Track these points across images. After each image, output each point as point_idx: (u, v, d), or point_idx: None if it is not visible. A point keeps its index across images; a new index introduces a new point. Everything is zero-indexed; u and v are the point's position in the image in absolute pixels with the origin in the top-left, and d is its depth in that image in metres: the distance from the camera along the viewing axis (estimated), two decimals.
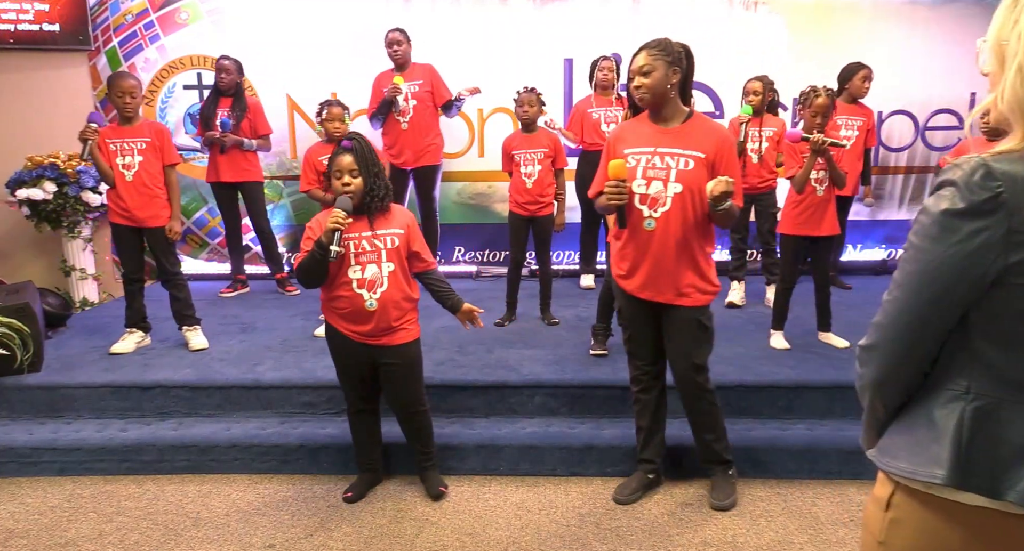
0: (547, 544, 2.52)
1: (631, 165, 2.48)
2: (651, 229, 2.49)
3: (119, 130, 3.63)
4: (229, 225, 4.88)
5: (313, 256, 2.47)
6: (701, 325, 2.58)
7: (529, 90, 4.02)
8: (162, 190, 3.69)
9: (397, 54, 4.63)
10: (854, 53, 4.63)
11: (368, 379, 2.73)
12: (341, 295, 2.58)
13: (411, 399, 2.74)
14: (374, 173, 2.56)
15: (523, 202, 4.06)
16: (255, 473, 3.05)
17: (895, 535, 1.10)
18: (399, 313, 2.62)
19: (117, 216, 3.67)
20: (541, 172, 4.02)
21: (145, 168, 3.62)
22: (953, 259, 0.97)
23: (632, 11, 5.20)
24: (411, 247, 2.65)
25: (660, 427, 2.80)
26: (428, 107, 4.74)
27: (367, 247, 2.56)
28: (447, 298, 2.73)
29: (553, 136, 4.15)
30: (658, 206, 2.47)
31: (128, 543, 2.57)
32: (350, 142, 2.55)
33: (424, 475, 2.88)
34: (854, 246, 5.46)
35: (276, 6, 5.15)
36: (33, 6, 4.85)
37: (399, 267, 2.61)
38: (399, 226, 2.63)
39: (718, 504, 2.71)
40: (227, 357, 3.62)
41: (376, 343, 2.62)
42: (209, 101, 4.66)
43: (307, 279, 2.56)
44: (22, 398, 3.32)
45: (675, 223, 2.47)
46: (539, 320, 4.20)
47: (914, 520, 1.08)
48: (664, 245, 2.49)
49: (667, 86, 2.42)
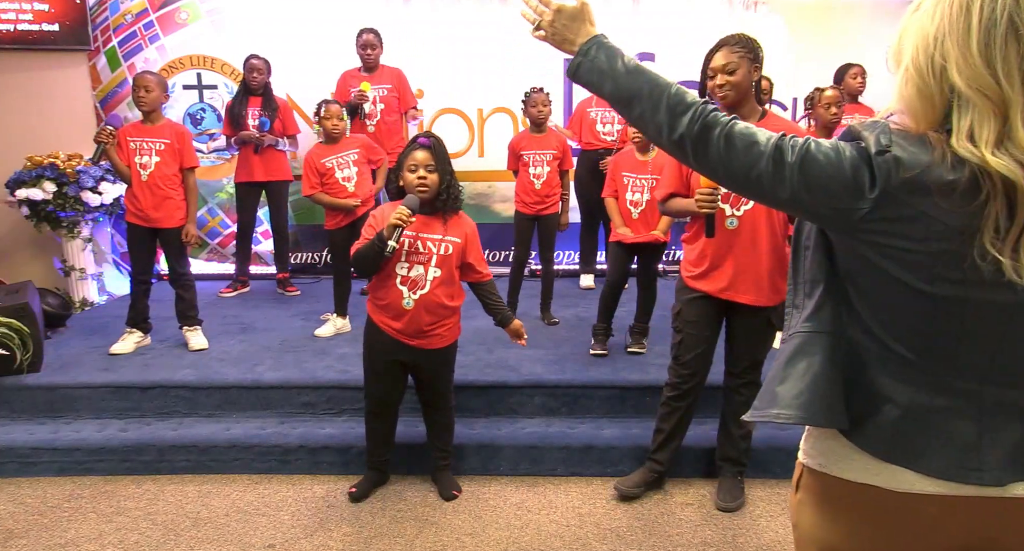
0: (547, 544, 2.52)
1: None
2: (734, 228, 2.46)
3: (141, 129, 3.64)
4: (243, 225, 4.87)
5: (372, 246, 2.48)
6: (770, 323, 2.58)
7: (539, 90, 4.03)
8: (177, 191, 3.70)
9: (370, 57, 4.63)
10: (854, 53, 4.63)
11: (394, 376, 2.72)
12: (385, 287, 2.59)
13: (438, 397, 2.78)
14: (449, 172, 2.58)
15: (530, 202, 4.08)
16: (255, 473, 3.05)
17: (801, 516, 1.15)
18: (432, 319, 2.61)
19: (132, 215, 3.68)
20: (549, 173, 4.04)
21: (161, 169, 3.63)
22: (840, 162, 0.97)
23: (632, 11, 5.20)
24: (467, 257, 2.64)
25: (681, 435, 2.78)
26: (395, 111, 4.75)
27: (420, 248, 2.56)
28: (497, 312, 2.73)
29: (561, 138, 4.17)
30: (741, 204, 2.45)
31: (128, 543, 2.57)
32: (428, 139, 2.56)
33: (438, 475, 2.88)
34: None
35: (276, 6, 5.15)
36: (33, 6, 4.84)
37: (446, 274, 2.59)
38: (458, 235, 2.62)
39: (725, 505, 2.70)
40: (227, 357, 3.61)
41: (410, 343, 2.62)
42: (237, 100, 4.65)
43: (360, 267, 2.58)
44: (22, 398, 3.32)
45: (758, 221, 2.46)
46: (539, 320, 4.20)
47: (813, 500, 1.12)
48: (747, 244, 2.47)
49: (751, 84, 2.40)
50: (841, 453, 1.07)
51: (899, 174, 0.92)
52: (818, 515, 1.11)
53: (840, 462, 1.07)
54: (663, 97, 1.04)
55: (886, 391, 1.02)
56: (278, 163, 4.73)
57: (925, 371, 1.00)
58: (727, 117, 1.02)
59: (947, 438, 0.99)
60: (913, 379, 1.01)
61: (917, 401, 1.00)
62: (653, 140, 1.09)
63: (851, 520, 1.07)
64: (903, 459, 1.01)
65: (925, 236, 0.92)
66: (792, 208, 1.01)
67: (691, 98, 1.04)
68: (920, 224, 0.92)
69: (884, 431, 1.03)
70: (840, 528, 1.08)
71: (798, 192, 0.98)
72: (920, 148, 0.92)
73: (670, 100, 1.04)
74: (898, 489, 1.02)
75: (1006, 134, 0.88)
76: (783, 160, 0.98)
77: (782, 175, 0.98)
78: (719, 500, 2.73)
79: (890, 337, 1.01)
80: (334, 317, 4.04)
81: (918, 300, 0.95)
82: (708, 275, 2.54)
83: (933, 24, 0.93)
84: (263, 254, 5.35)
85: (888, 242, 0.94)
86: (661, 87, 1.05)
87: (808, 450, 1.14)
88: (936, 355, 0.98)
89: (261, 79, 4.59)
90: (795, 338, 1.08)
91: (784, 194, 0.99)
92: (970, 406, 0.99)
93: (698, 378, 2.68)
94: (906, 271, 0.95)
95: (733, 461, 2.76)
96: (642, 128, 1.09)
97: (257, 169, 4.66)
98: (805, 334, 1.06)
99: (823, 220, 1.02)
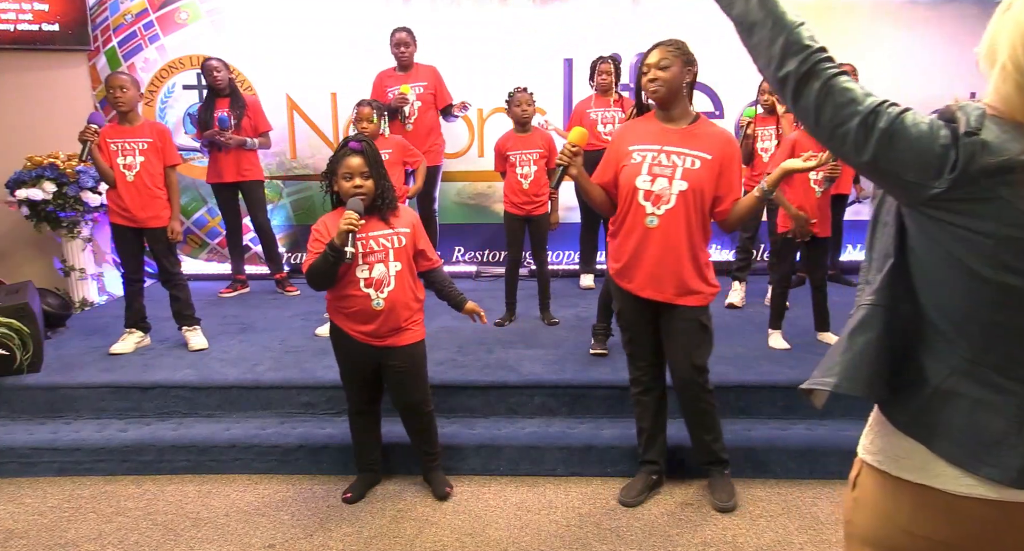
0: (547, 544, 2.52)
1: (636, 161, 2.49)
2: (653, 226, 2.48)
3: (120, 130, 3.62)
4: (230, 225, 4.88)
5: (326, 258, 2.45)
6: (701, 325, 2.57)
7: (522, 90, 4.02)
8: (163, 190, 3.69)
9: (404, 55, 4.63)
10: (853, 53, 4.63)
11: (371, 380, 2.73)
12: (348, 294, 2.57)
13: (416, 400, 2.74)
14: (383, 175, 2.56)
15: (519, 202, 4.07)
16: (255, 473, 3.05)
17: (857, 514, 1.14)
18: (407, 313, 2.62)
19: (117, 216, 3.66)
20: (537, 172, 4.03)
21: (146, 168, 3.62)
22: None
23: (632, 11, 5.20)
24: (417, 245, 2.65)
25: (662, 428, 2.80)
26: (431, 109, 4.75)
27: (374, 246, 2.56)
28: (451, 296, 2.74)
29: (547, 136, 4.14)
30: (662, 203, 2.47)
31: (128, 543, 2.57)
32: (359, 144, 2.54)
33: (429, 476, 2.88)
34: (853, 246, 5.45)
35: (276, 6, 5.15)
36: (32, 6, 4.84)
37: (406, 266, 2.61)
38: (405, 225, 2.63)
39: (722, 505, 2.70)
40: (227, 357, 3.61)
41: (381, 344, 2.61)
42: (205, 103, 4.65)
43: (317, 282, 2.54)
44: (22, 398, 3.32)
45: (678, 221, 2.47)
46: (539, 320, 4.20)
47: (871, 498, 1.11)
48: (666, 243, 2.48)
49: (682, 83, 2.45)
50: (901, 451, 1.07)
51: (983, 158, 0.91)
52: (874, 515, 1.10)
53: (900, 460, 1.07)
54: (783, 33, 1.05)
55: (924, 369, 1.04)
56: (249, 163, 4.70)
57: (968, 359, 1.00)
58: (836, 69, 1.03)
59: (970, 427, 0.99)
60: (952, 363, 1.01)
61: (948, 385, 1.01)
62: (761, 69, 1.11)
63: (908, 522, 1.05)
64: (920, 435, 1.03)
65: (997, 222, 0.91)
66: (868, 171, 1.02)
67: (808, 42, 1.04)
68: (993, 208, 0.91)
69: (910, 405, 1.04)
70: (896, 530, 1.07)
71: (879, 158, 0.98)
72: (1013, 135, 0.91)
73: (789, 37, 1.05)
74: (956, 492, 1.01)
75: None
76: (875, 124, 0.98)
77: (870, 138, 0.98)
78: (716, 501, 2.73)
79: (942, 318, 1.01)
80: None
81: (977, 285, 0.95)
82: (630, 274, 2.57)
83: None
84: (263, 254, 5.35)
85: (958, 222, 0.94)
86: (784, 23, 1.05)
87: (868, 446, 1.13)
88: (985, 345, 0.98)
89: (223, 77, 4.55)
90: (860, 310, 1.08)
91: (865, 156, 0.99)
92: (1006, 404, 0.98)
93: (657, 369, 2.72)
94: (971, 254, 0.94)
95: (715, 462, 2.77)
96: (755, 56, 1.11)
97: (227, 170, 4.63)
98: (869, 307, 1.07)
99: (896, 190, 1.02)
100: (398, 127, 4.65)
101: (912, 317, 1.05)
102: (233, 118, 4.54)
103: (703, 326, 2.58)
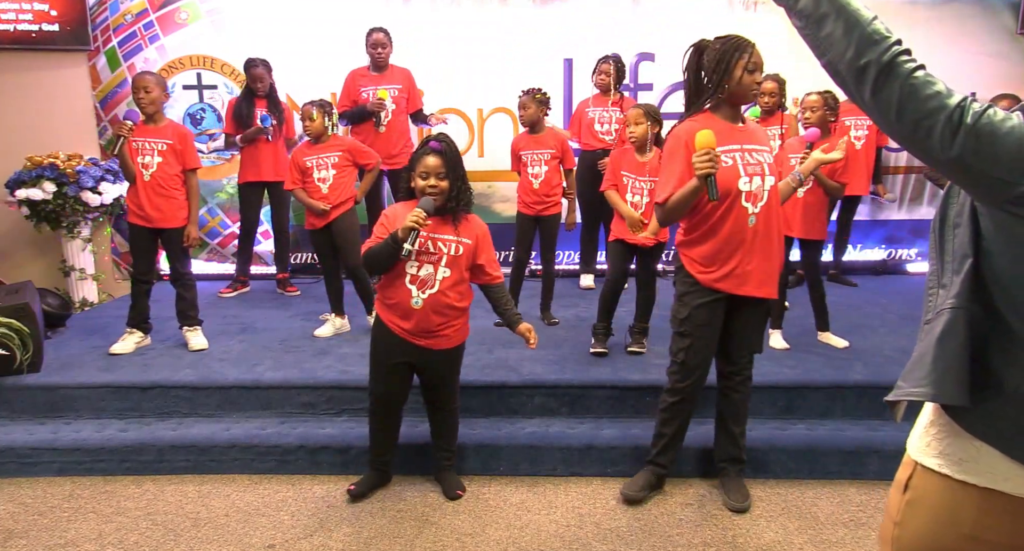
0: (547, 544, 2.52)
1: (728, 164, 2.41)
2: (753, 225, 2.47)
3: (143, 129, 3.64)
4: (248, 225, 4.87)
5: (386, 246, 2.47)
6: (768, 314, 2.65)
7: (526, 92, 4.02)
8: (179, 192, 3.70)
9: (380, 56, 4.61)
10: None
11: (400, 373, 2.71)
12: (394, 286, 2.58)
13: (445, 399, 2.79)
14: (460, 176, 2.55)
15: (530, 202, 4.08)
16: (255, 473, 3.05)
17: (911, 516, 1.11)
18: (441, 320, 2.60)
19: (134, 216, 3.68)
20: (548, 173, 4.04)
21: (163, 169, 3.63)
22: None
23: (632, 11, 5.20)
24: (477, 259, 2.63)
25: (681, 439, 2.78)
26: (403, 113, 4.73)
27: (431, 248, 2.55)
28: (506, 314, 2.71)
29: (561, 137, 4.15)
30: (758, 202, 2.47)
31: (128, 543, 2.57)
32: (439, 144, 2.53)
33: (442, 475, 2.88)
34: (854, 246, 5.45)
35: (276, 6, 5.15)
36: (33, 6, 4.84)
37: (456, 275, 2.58)
38: (469, 236, 2.60)
39: (738, 506, 2.69)
40: (227, 357, 3.61)
41: (419, 343, 2.62)
42: (242, 100, 4.64)
43: (372, 265, 2.58)
44: (22, 398, 3.32)
45: (773, 216, 2.50)
46: (539, 320, 4.20)
47: (929, 501, 1.08)
48: (766, 240, 2.50)
49: None
50: (966, 455, 1.05)
51: None
52: (933, 519, 1.07)
53: (964, 463, 1.05)
54: (860, 24, 1.02)
55: (997, 373, 1.02)
56: (285, 163, 4.71)
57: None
58: (917, 63, 1.01)
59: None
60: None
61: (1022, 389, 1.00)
62: (831, 63, 1.06)
63: (973, 526, 1.03)
64: (994, 439, 1.01)
65: None
66: (952, 167, 0.99)
67: (888, 34, 1.02)
68: None
69: (984, 409, 1.02)
70: (958, 535, 1.04)
71: (966, 155, 0.96)
72: None
73: (868, 27, 1.02)
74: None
75: None
76: (962, 120, 0.95)
77: (957, 134, 0.95)
78: (731, 501, 2.71)
79: (1018, 320, 1.00)
80: (333, 317, 4.04)
81: None
82: (729, 276, 2.50)
83: None
84: (263, 254, 5.36)
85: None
86: (859, 15, 1.03)
87: (924, 448, 1.10)
88: None
89: (266, 85, 4.62)
90: (943, 315, 1.06)
91: (952, 152, 0.96)
92: None
93: (702, 380, 2.67)
94: None
95: (735, 460, 2.76)
96: (824, 48, 1.06)
97: (264, 168, 4.66)
98: (952, 311, 1.05)
99: (979, 188, 0.99)
100: (370, 130, 4.60)
101: (985, 320, 1.03)
102: (274, 119, 4.60)
103: (769, 314, 2.65)
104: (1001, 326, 1.02)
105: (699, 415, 2.82)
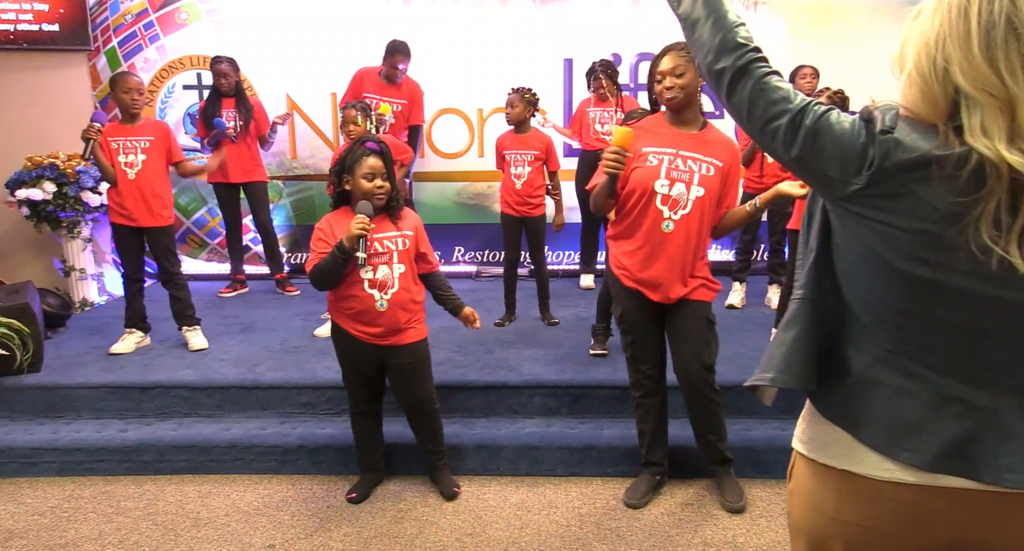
0: (547, 544, 2.52)
1: (652, 164, 2.46)
2: (669, 231, 2.48)
3: (121, 128, 3.63)
4: (230, 225, 4.87)
5: (334, 259, 2.44)
6: (709, 322, 2.58)
7: (515, 90, 4.01)
8: (165, 190, 3.70)
9: (398, 73, 4.60)
10: (854, 53, 4.64)
11: (374, 380, 2.73)
12: (351, 295, 2.57)
13: (422, 397, 2.75)
14: (393, 175, 2.58)
15: (512, 202, 4.06)
16: (255, 473, 3.05)
17: (792, 504, 1.18)
18: (407, 315, 2.62)
19: (118, 215, 3.66)
20: (531, 174, 4.01)
21: (148, 167, 3.62)
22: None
23: (632, 11, 5.20)
24: (419, 248, 2.66)
25: (663, 430, 2.80)
26: (403, 128, 4.74)
27: (379, 248, 2.56)
28: (448, 301, 2.75)
29: (546, 138, 4.12)
30: (678, 209, 2.46)
31: (128, 543, 2.57)
32: (377, 145, 2.53)
33: (436, 476, 2.88)
34: None
35: (276, 6, 5.15)
36: (33, 6, 4.84)
37: (409, 269, 2.61)
38: (409, 228, 2.63)
39: (733, 506, 2.70)
40: (227, 357, 3.61)
41: (385, 343, 2.62)
42: (210, 102, 4.63)
43: (322, 282, 2.54)
44: (22, 398, 3.32)
45: (693, 226, 2.48)
46: (539, 320, 4.20)
47: (802, 488, 1.15)
48: (681, 248, 2.49)
49: (697, 88, 2.45)
50: (828, 439, 1.10)
51: (897, 155, 0.95)
52: (806, 504, 1.14)
53: (827, 448, 1.10)
54: (722, 30, 1.10)
55: (848, 359, 1.08)
56: (253, 163, 4.72)
57: (886, 348, 1.04)
58: (769, 69, 1.08)
59: (890, 414, 1.04)
60: (872, 353, 1.06)
61: (870, 373, 1.06)
62: (699, 63, 1.15)
63: (835, 509, 1.08)
64: (844, 423, 1.07)
65: (910, 216, 0.95)
66: (796, 167, 1.06)
67: (744, 41, 1.09)
68: (907, 203, 0.95)
69: (835, 394, 1.09)
70: (825, 517, 1.10)
71: (805, 154, 1.03)
72: (923, 135, 0.95)
73: (727, 34, 1.09)
74: (878, 477, 1.04)
75: (1015, 131, 0.90)
76: (802, 122, 1.03)
77: (797, 135, 1.03)
78: (727, 501, 2.72)
79: (862, 310, 1.06)
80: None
81: (893, 277, 0.99)
82: (641, 277, 2.54)
83: (933, 29, 0.96)
84: (263, 254, 5.35)
85: (876, 217, 0.98)
86: (725, 22, 1.10)
87: (799, 435, 1.17)
88: (901, 335, 1.02)
89: (230, 82, 4.56)
90: (792, 304, 1.13)
91: (794, 152, 1.04)
92: (922, 391, 1.02)
93: (659, 369, 2.70)
94: (887, 248, 0.98)
95: (722, 461, 2.76)
96: (695, 52, 1.15)
97: (232, 169, 4.62)
98: (796, 301, 1.12)
99: (820, 186, 1.06)
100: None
101: (837, 310, 1.10)
102: (241, 119, 4.55)
103: (710, 323, 2.59)
104: (849, 314, 1.08)
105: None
